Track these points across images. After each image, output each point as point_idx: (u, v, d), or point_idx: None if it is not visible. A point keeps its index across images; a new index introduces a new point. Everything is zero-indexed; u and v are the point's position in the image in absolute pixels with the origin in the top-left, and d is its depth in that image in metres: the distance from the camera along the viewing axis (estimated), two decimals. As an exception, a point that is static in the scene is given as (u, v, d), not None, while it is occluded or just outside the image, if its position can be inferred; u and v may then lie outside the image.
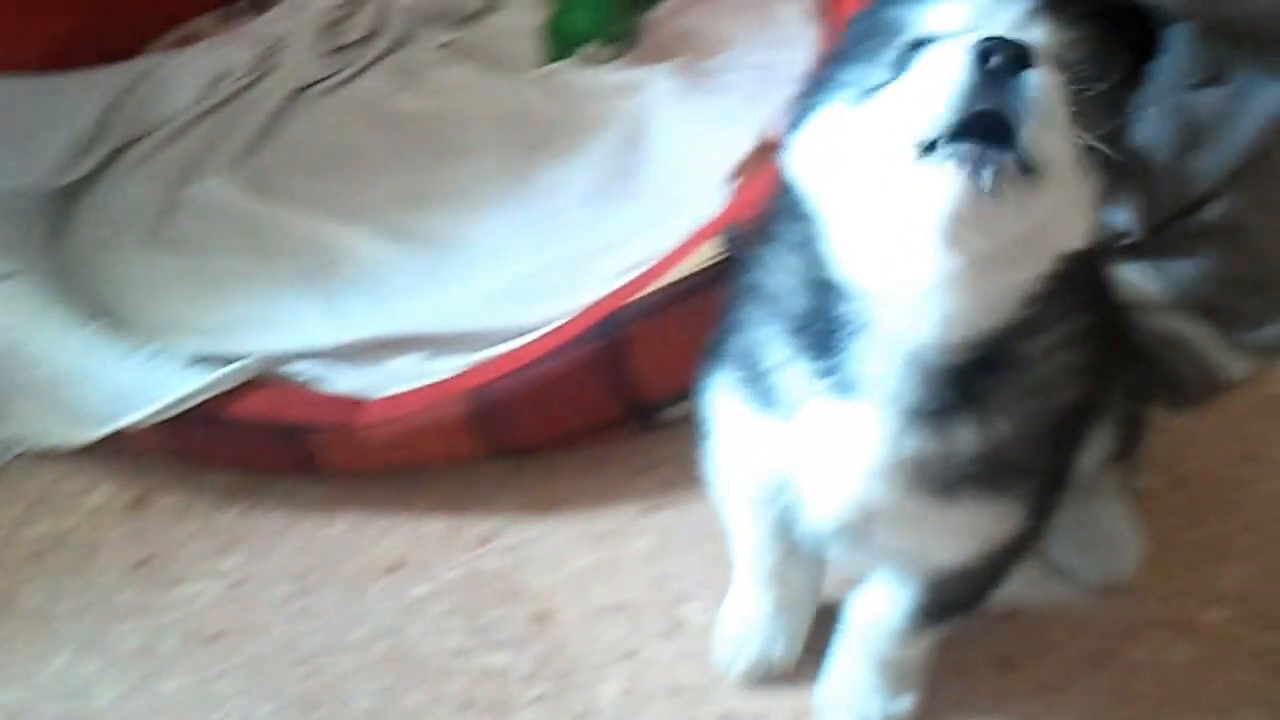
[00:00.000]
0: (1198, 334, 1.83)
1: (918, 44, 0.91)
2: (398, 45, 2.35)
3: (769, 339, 1.09)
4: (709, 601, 1.61)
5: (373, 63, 2.32)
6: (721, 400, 1.20)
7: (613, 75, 2.20)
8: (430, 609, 1.67)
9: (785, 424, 1.08)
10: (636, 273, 1.70)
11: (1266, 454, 1.73)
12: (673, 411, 1.79)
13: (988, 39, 0.83)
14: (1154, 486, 1.70)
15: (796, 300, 1.05)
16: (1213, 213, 1.81)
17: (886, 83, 0.91)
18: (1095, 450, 1.55)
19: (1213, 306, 1.84)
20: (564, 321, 1.69)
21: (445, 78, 2.27)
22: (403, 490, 1.81)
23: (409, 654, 1.62)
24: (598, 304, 1.67)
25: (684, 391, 1.75)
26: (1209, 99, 1.80)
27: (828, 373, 1.02)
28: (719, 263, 1.62)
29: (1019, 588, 1.53)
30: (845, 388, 1.02)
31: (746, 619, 1.47)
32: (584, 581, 1.68)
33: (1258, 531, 1.63)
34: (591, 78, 2.21)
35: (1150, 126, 1.83)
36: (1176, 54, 1.81)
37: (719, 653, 1.53)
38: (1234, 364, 1.84)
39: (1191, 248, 1.83)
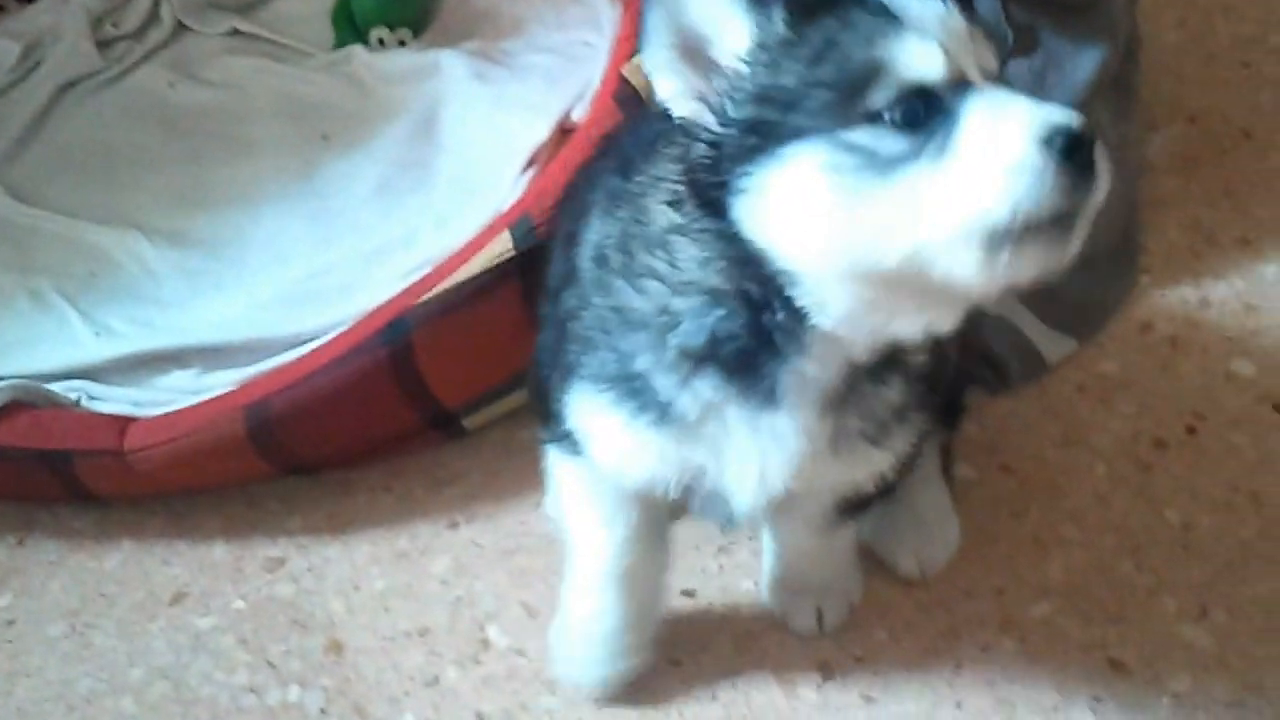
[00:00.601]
0: (1016, 314, 1.80)
1: (923, 95, 0.91)
2: (177, 35, 2.20)
3: (657, 363, 1.08)
4: (513, 623, 1.53)
5: (150, 54, 2.18)
6: (595, 417, 1.16)
7: (405, 59, 2.09)
8: (216, 643, 1.55)
9: (684, 434, 1.11)
10: (427, 271, 1.59)
11: (1089, 437, 1.70)
12: (477, 418, 1.70)
13: (1059, 127, 0.88)
14: (975, 475, 1.66)
15: (697, 326, 1.05)
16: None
17: (912, 155, 0.91)
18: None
19: (1030, 286, 1.80)
20: (347, 327, 1.57)
21: (228, 68, 2.14)
22: (183, 516, 1.69)
23: (193, 693, 1.50)
24: (383, 307, 1.56)
25: (486, 396, 1.67)
26: (1018, 70, 1.76)
27: (745, 390, 1.07)
28: (511, 259, 1.53)
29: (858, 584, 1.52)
30: (764, 398, 1.07)
31: (594, 633, 1.41)
32: (381, 606, 1.58)
33: (1082, 519, 1.60)
34: (383, 62, 2.09)
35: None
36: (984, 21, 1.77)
37: (565, 673, 1.45)
38: (1052, 345, 1.81)
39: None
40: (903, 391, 1.13)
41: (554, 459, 1.32)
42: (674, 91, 0.98)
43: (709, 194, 0.98)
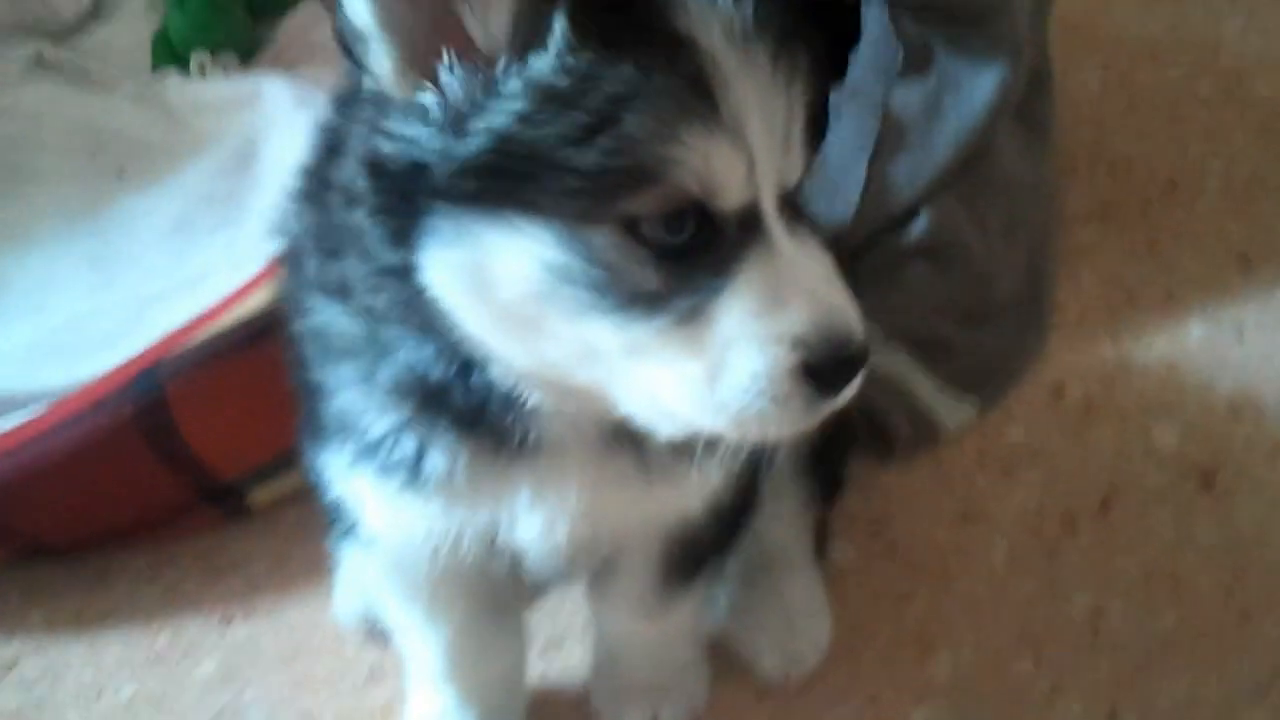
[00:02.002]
0: (906, 373, 1.59)
1: (700, 215, 0.76)
2: (-30, 60, 1.99)
3: (366, 403, 0.91)
4: (288, 736, 1.30)
5: None
6: (345, 481, 1.00)
7: (223, 86, 1.91)
8: (-81, 763, 1.33)
9: (441, 491, 0.94)
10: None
11: (989, 513, 1.51)
12: (261, 494, 1.46)
13: (830, 341, 0.78)
14: (854, 557, 1.46)
15: (408, 360, 0.88)
16: (920, 227, 1.58)
17: (658, 300, 0.77)
18: (778, 509, 1.34)
19: (924, 340, 1.60)
20: (92, 381, 1.33)
21: (23, 97, 1.95)
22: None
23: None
24: (135, 358, 1.33)
25: (269, 467, 1.43)
26: (909, 95, 1.58)
27: (488, 444, 0.90)
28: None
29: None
30: (515, 452, 0.91)
31: None
32: (125, 718, 1.33)
33: (975, 608, 1.40)
34: (199, 90, 1.91)
35: (849, 126, 1.60)
36: (874, 42, 1.60)
37: None
38: (949, 410, 1.61)
39: (898, 268, 1.59)
40: None
41: (344, 551, 1.21)
42: (397, 63, 0.76)
43: (393, 209, 0.79)
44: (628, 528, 1.04)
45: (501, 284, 0.77)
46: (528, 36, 0.74)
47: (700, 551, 1.12)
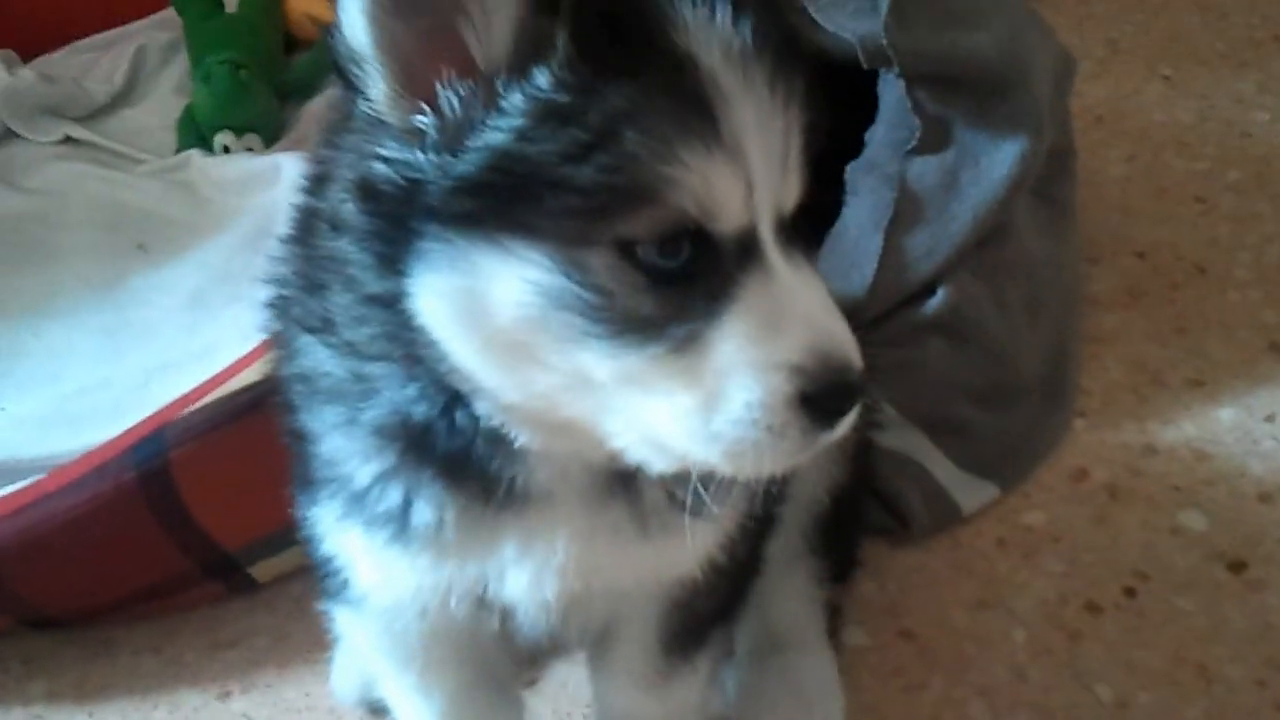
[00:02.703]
0: (923, 452, 1.56)
1: (697, 238, 0.75)
2: (4, 141, 2.06)
3: (350, 448, 0.90)
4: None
5: None
6: (340, 535, 0.98)
7: (244, 163, 1.94)
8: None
9: (429, 545, 0.92)
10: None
11: (1008, 599, 1.46)
12: (266, 567, 1.45)
13: (829, 368, 0.77)
14: (868, 640, 1.42)
15: (392, 400, 0.86)
16: (937, 303, 1.57)
17: (653, 325, 0.76)
18: (789, 585, 1.34)
19: (941, 420, 1.58)
20: (97, 447, 1.33)
21: (51, 175, 2.01)
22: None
23: None
24: (139, 424, 1.32)
25: (274, 540, 1.42)
26: (927, 168, 1.57)
27: (475, 492, 0.88)
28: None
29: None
30: (503, 501, 0.89)
31: None
32: None
33: (994, 696, 1.36)
34: (220, 167, 1.94)
35: (866, 200, 1.60)
36: (891, 115, 1.60)
37: None
38: (968, 491, 1.57)
39: (915, 344, 1.57)
40: None
41: (340, 618, 1.14)
42: (394, 86, 0.76)
43: (383, 234, 0.78)
44: (620, 584, 1.00)
45: (493, 310, 0.75)
46: (529, 53, 0.74)
47: (701, 619, 1.09)
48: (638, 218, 0.73)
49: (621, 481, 0.90)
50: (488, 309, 0.75)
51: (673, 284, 0.75)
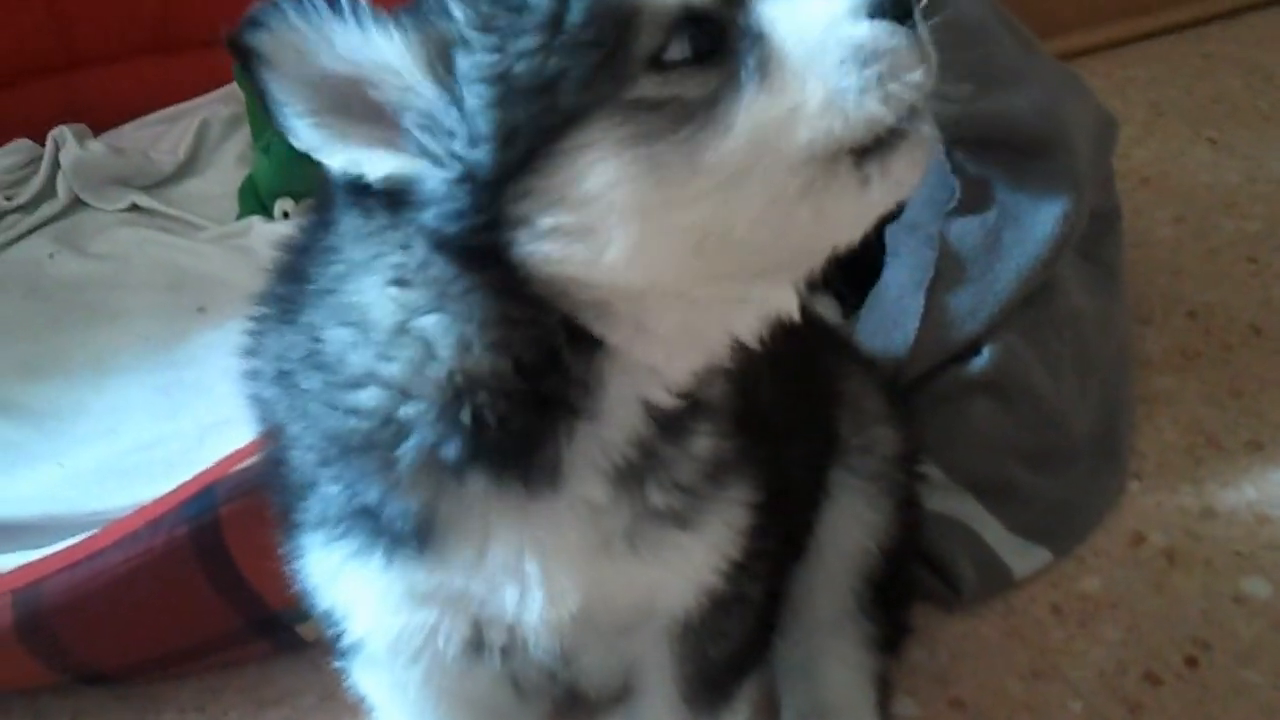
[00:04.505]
0: (973, 516, 1.50)
1: (700, 21, 0.75)
2: (72, 209, 2.08)
3: (388, 489, 0.88)
4: None
5: (38, 227, 2.05)
6: (332, 567, 0.96)
7: (302, 230, 1.91)
8: None
9: (439, 562, 0.90)
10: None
11: (1064, 669, 1.39)
12: (312, 625, 1.40)
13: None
14: (919, 711, 1.35)
15: (444, 427, 0.84)
16: (982, 362, 1.51)
17: (728, 86, 0.75)
18: (838, 649, 1.29)
19: (991, 482, 1.51)
20: (150, 502, 1.30)
21: (117, 240, 2.01)
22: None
23: None
24: (191, 480, 1.30)
25: (322, 597, 1.38)
26: (968, 227, 1.53)
27: (519, 478, 0.86)
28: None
29: None
30: (545, 479, 0.87)
31: None
32: None
33: None
34: (281, 232, 1.90)
35: (907, 260, 1.55)
36: (931, 176, 1.56)
37: None
38: (1020, 556, 1.50)
39: (962, 404, 1.51)
40: (713, 441, 0.93)
41: (353, 675, 1.12)
42: (354, 156, 0.77)
43: (470, 242, 0.77)
44: (613, 607, 0.97)
45: (613, 188, 0.74)
46: (444, 54, 0.76)
47: (717, 668, 1.05)
48: (641, 40, 0.73)
49: (635, 476, 0.89)
50: (618, 198, 0.74)
51: (713, 55, 0.75)
